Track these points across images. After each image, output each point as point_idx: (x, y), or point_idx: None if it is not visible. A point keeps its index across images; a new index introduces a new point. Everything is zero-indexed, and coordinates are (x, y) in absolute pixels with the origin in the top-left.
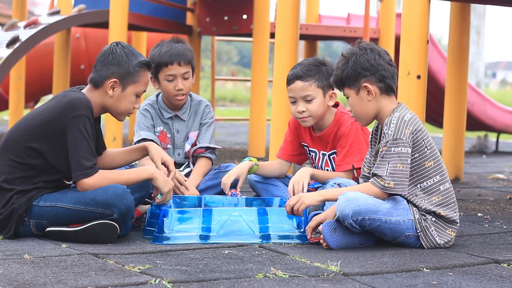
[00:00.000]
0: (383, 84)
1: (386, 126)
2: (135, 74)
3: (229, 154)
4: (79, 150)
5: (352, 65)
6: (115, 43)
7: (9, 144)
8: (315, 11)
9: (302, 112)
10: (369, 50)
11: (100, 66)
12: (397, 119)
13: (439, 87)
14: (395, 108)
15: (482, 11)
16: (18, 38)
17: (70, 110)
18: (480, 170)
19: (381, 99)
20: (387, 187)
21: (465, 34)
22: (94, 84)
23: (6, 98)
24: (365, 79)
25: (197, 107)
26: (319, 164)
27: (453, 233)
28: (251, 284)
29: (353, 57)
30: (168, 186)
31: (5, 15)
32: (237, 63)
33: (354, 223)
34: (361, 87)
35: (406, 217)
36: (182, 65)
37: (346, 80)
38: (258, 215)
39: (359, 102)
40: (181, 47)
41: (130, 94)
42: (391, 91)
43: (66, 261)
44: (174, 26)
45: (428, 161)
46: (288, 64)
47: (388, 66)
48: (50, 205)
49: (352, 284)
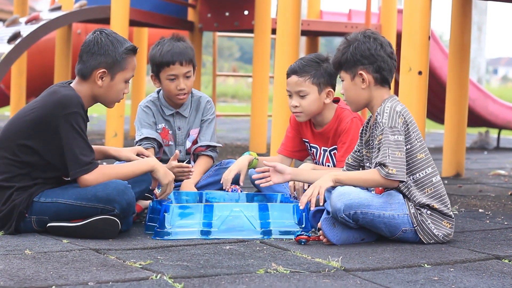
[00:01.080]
0: (379, 75)
1: (380, 115)
2: (123, 62)
3: (231, 150)
4: (75, 147)
5: (352, 51)
6: (98, 31)
7: (3, 142)
8: (316, 7)
9: (295, 107)
10: (372, 39)
11: (86, 56)
12: (390, 108)
13: (440, 83)
14: (386, 99)
15: (483, 8)
16: (19, 34)
17: (61, 108)
18: (481, 166)
19: (374, 89)
20: (390, 173)
21: (467, 30)
22: (82, 76)
23: (8, 94)
24: (362, 66)
25: (198, 103)
26: (320, 160)
27: (449, 225)
28: (252, 279)
29: (355, 43)
30: (168, 178)
31: (6, 10)
32: (238, 59)
33: (347, 217)
34: (357, 73)
35: (401, 211)
36: (184, 64)
37: (344, 63)
38: (259, 210)
39: (352, 88)
40: (182, 45)
41: (119, 82)
42: (386, 83)
43: (67, 256)
44: (175, 22)
45: (420, 153)
46: (289, 60)
47: (388, 58)
48: (51, 201)
49: (353, 280)
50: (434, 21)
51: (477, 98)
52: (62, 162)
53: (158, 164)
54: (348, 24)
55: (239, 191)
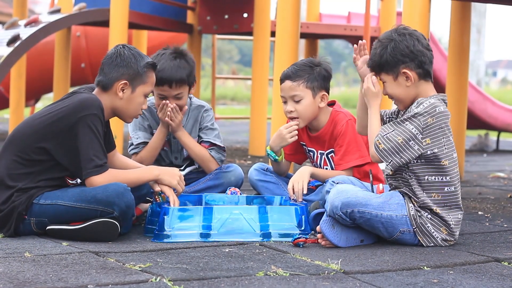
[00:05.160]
0: (422, 70)
1: (416, 104)
2: (144, 75)
3: (230, 153)
4: (90, 148)
5: (391, 51)
6: (121, 46)
7: (16, 141)
8: (315, 10)
9: (291, 112)
10: (408, 36)
11: (108, 68)
12: (430, 104)
13: (439, 86)
14: (434, 95)
15: (482, 10)
16: (19, 37)
17: (81, 108)
18: (481, 169)
19: (419, 85)
20: (377, 144)
21: (466, 33)
22: (103, 87)
23: (7, 96)
24: (404, 65)
25: (196, 112)
26: (318, 163)
27: (445, 231)
28: (252, 282)
29: (391, 43)
30: (175, 178)
31: (6, 13)
32: (237, 61)
33: (344, 215)
34: (399, 73)
35: (400, 212)
36: (174, 87)
37: (385, 65)
38: (258, 213)
39: (398, 87)
40: (177, 65)
41: (139, 95)
42: (429, 77)
43: (66, 259)
44: (175, 25)
45: (444, 159)
46: (289, 62)
47: (427, 51)
48: (50, 203)
49: (352, 283)
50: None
51: (476, 100)
52: (72, 162)
53: (161, 171)
54: (347, 27)
55: (238, 193)
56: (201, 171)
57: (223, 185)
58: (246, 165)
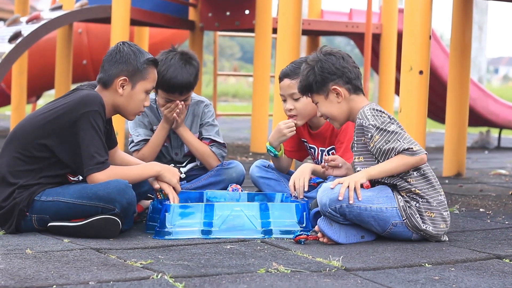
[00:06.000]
0: (351, 85)
1: (365, 119)
2: (144, 71)
3: (231, 150)
4: (92, 145)
5: (318, 71)
6: (121, 43)
7: (18, 138)
8: (317, 6)
9: (290, 110)
10: (333, 55)
11: (108, 65)
12: (370, 109)
13: (441, 83)
14: (367, 104)
15: (484, 7)
16: (20, 33)
17: (82, 105)
18: (482, 166)
19: (350, 100)
20: (416, 150)
21: (468, 30)
22: (103, 84)
23: (8, 93)
24: (333, 82)
25: (196, 108)
26: (319, 159)
27: (432, 225)
28: (253, 279)
29: (318, 63)
30: (176, 177)
31: (7, 10)
32: (239, 58)
33: (334, 212)
34: (330, 90)
35: (390, 204)
36: (184, 94)
37: (314, 86)
38: (260, 210)
39: (330, 105)
40: (187, 73)
41: (140, 92)
42: (359, 90)
43: (68, 256)
44: (176, 22)
45: None
46: (290, 59)
47: (353, 68)
48: (52, 199)
49: (354, 280)
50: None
51: (478, 97)
52: (73, 159)
53: (163, 167)
54: (349, 24)
55: (240, 190)
56: (203, 167)
57: (225, 181)
58: (247, 162)
